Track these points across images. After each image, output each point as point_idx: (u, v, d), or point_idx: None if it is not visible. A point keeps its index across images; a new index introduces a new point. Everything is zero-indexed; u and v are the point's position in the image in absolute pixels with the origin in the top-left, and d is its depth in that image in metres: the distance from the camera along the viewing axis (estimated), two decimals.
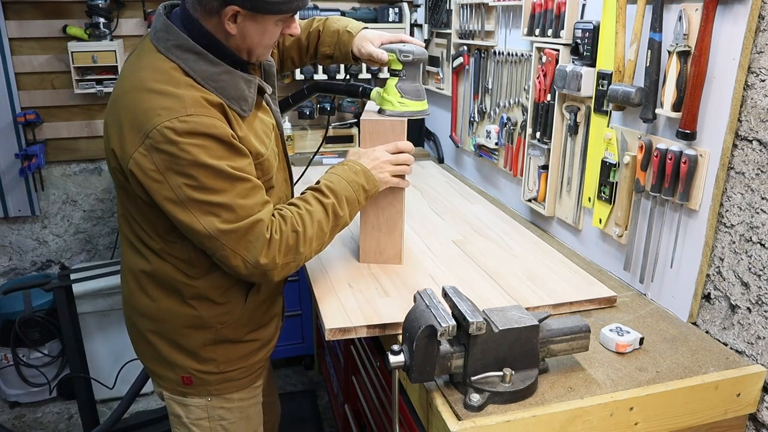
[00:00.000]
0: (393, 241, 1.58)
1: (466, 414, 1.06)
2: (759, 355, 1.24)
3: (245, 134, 1.23)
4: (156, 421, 2.57)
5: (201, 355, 1.35)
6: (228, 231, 1.17)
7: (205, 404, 1.40)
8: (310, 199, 1.32)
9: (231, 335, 1.37)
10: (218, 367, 1.37)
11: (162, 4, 1.29)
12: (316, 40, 1.59)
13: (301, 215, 1.27)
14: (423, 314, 1.07)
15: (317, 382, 3.02)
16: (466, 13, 2.36)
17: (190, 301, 1.31)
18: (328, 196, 1.32)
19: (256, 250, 1.19)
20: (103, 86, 2.71)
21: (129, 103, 1.17)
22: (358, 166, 1.40)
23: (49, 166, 2.96)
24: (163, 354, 1.36)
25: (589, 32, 1.58)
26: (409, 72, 1.49)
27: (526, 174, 2.01)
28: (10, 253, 3.06)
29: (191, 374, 1.36)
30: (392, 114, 1.49)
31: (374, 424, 1.73)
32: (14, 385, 2.80)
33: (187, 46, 1.20)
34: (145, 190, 1.17)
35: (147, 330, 1.37)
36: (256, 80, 1.28)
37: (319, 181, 1.36)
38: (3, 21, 2.69)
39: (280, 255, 1.22)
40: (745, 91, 1.22)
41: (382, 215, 1.56)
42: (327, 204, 1.31)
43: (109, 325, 2.80)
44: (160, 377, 1.41)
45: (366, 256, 1.61)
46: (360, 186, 1.38)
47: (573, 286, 1.50)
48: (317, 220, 1.28)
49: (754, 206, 1.23)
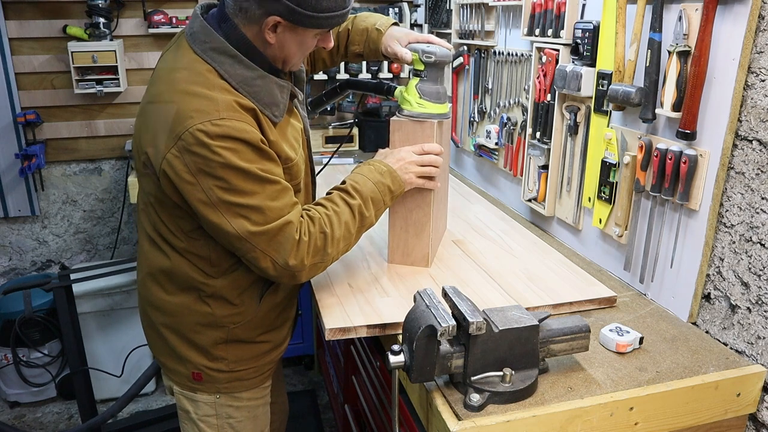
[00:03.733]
0: (421, 243, 1.58)
1: (466, 414, 1.06)
2: (759, 355, 1.24)
3: (276, 139, 1.24)
4: (156, 421, 2.57)
5: (212, 352, 1.36)
6: (258, 233, 1.18)
7: (213, 401, 1.41)
8: (336, 199, 1.33)
9: (243, 335, 1.37)
10: (228, 366, 1.38)
11: (199, 4, 1.30)
12: (346, 38, 1.59)
13: (329, 216, 1.28)
14: (423, 314, 1.07)
15: (317, 382, 3.02)
16: (466, 13, 2.36)
17: (206, 299, 1.32)
18: (355, 197, 1.33)
19: (286, 252, 1.21)
20: (103, 86, 2.71)
21: (163, 104, 1.18)
22: (384, 167, 1.40)
23: (49, 166, 2.96)
24: (174, 348, 1.37)
25: (589, 32, 1.58)
26: (431, 73, 1.48)
27: (526, 174, 2.01)
28: (10, 253, 3.06)
29: (201, 371, 1.37)
30: (409, 114, 1.49)
31: (374, 424, 1.73)
32: (14, 385, 2.81)
33: (224, 49, 1.20)
34: (177, 190, 1.18)
35: (160, 323, 1.38)
36: (289, 86, 1.29)
37: (345, 182, 1.36)
38: (3, 21, 2.69)
39: (309, 256, 1.24)
40: (745, 91, 1.22)
41: (410, 217, 1.55)
42: (353, 205, 1.32)
43: (109, 325, 2.80)
44: (170, 371, 1.43)
45: (393, 257, 1.61)
46: (386, 187, 1.38)
47: (573, 286, 1.50)
48: (344, 221, 1.30)
49: (754, 206, 1.23)
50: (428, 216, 1.54)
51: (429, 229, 1.56)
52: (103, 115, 2.95)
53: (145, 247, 1.37)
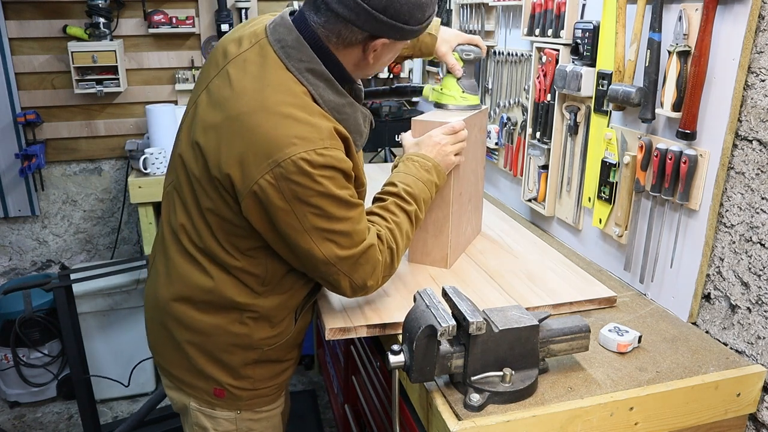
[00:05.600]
0: (440, 244, 1.57)
1: (466, 414, 1.06)
2: (759, 355, 1.24)
3: (357, 165, 1.22)
4: (156, 421, 2.57)
5: (239, 372, 1.31)
6: (345, 257, 1.16)
7: (234, 417, 1.36)
8: (394, 209, 1.30)
9: (274, 356, 1.34)
10: (253, 385, 1.34)
11: (287, 11, 1.20)
12: None
13: (392, 230, 1.26)
14: (423, 314, 1.07)
15: (317, 382, 3.02)
16: (466, 13, 2.36)
17: (247, 320, 1.27)
18: (411, 203, 1.31)
19: (366, 273, 1.20)
20: (103, 86, 2.71)
21: (257, 124, 1.08)
22: (429, 162, 1.38)
23: (49, 166, 2.96)
24: (197, 365, 1.31)
25: (589, 32, 1.58)
26: (468, 69, 1.59)
27: (526, 174, 2.01)
28: (10, 253, 3.06)
29: (225, 388, 1.32)
30: (457, 108, 1.59)
31: (374, 424, 1.73)
32: (14, 385, 2.81)
33: (320, 72, 1.14)
34: (262, 215, 1.12)
35: (185, 340, 1.30)
36: (369, 115, 1.27)
37: (396, 184, 1.33)
38: (3, 21, 2.69)
39: (381, 276, 1.24)
40: (745, 91, 1.22)
41: (429, 217, 1.54)
42: (411, 212, 1.31)
43: (109, 325, 2.80)
44: (187, 385, 1.35)
45: (414, 257, 1.62)
46: (434, 184, 1.37)
47: (573, 286, 1.50)
48: (405, 231, 1.29)
49: (754, 206, 1.23)
50: (447, 217, 1.54)
51: (448, 230, 1.55)
52: (103, 115, 2.95)
53: (179, 265, 1.27)
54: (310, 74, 1.14)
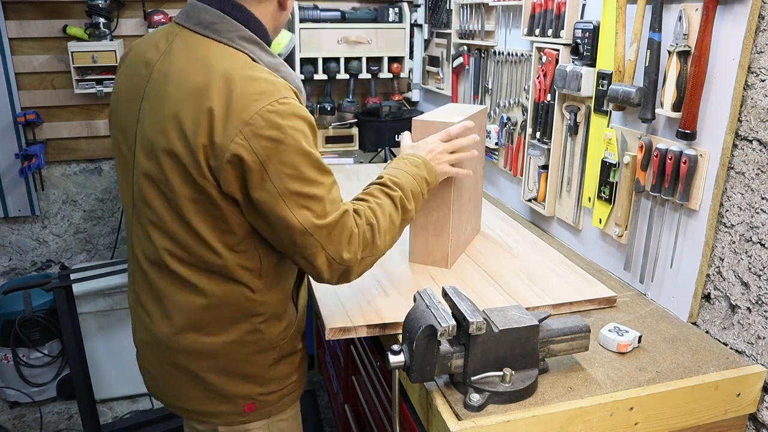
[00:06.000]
0: (441, 244, 1.57)
1: (466, 414, 1.06)
2: (759, 355, 1.24)
3: None
4: (156, 421, 2.57)
5: (263, 376, 1.29)
6: (321, 226, 1.12)
7: (266, 424, 1.33)
8: (377, 193, 1.28)
9: (289, 348, 1.32)
10: (279, 385, 1.32)
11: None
12: None
13: (372, 208, 1.23)
14: (423, 314, 1.07)
15: (317, 382, 3.02)
16: (466, 13, 2.36)
17: (258, 324, 1.24)
18: (395, 189, 1.29)
19: (341, 245, 1.15)
20: (103, 86, 2.71)
21: (216, 92, 1.07)
22: (419, 159, 1.37)
23: (49, 166, 2.96)
24: (222, 390, 1.26)
25: (589, 32, 1.58)
26: None
27: (526, 174, 2.01)
28: (10, 253, 3.06)
29: (254, 400, 1.29)
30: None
31: (374, 424, 1.73)
32: (14, 385, 2.81)
33: (251, 38, 1.15)
34: (240, 186, 1.09)
35: (204, 369, 1.25)
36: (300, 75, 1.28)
37: (382, 176, 1.32)
38: (3, 21, 2.69)
39: (359, 249, 1.19)
40: (745, 91, 1.22)
41: (430, 217, 1.55)
42: (395, 197, 1.28)
43: (109, 325, 2.80)
44: (213, 415, 1.29)
45: (415, 257, 1.62)
46: (423, 179, 1.35)
47: (573, 286, 1.50)
48: (388, 213, 1.25)
49: (754, 206, 1.23)
50: (448, 217, 1.54)
51: (449, 230, 1.55)
52: (103, 115, 2.95)
53: (174, 295, 1.22)
54: (243, 41, 1.15)
